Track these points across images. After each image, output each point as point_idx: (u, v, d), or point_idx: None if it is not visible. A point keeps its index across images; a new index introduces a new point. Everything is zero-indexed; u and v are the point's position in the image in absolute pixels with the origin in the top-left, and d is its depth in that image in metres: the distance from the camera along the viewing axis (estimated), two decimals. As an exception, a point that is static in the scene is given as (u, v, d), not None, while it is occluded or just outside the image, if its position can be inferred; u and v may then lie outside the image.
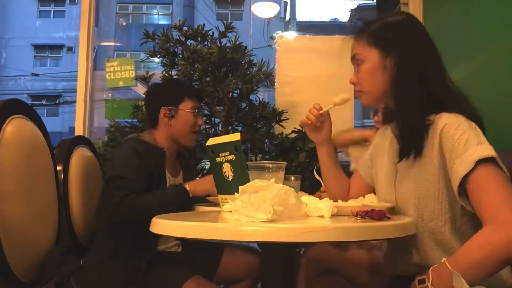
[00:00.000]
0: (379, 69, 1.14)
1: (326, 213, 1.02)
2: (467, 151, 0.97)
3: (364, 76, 1.17)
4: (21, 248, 1.15)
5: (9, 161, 1.12)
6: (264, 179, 1.01)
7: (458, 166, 0.98)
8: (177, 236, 1.12)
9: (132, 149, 1.57)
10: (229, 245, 1.78)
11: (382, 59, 1.13)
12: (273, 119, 2.46)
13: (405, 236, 0.98)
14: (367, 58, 1.15)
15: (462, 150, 0.98)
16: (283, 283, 1.14)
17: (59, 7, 18.31)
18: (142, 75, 2.54)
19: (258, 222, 0.88)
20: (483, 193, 0.95)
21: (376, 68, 1.14)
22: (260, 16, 7.16)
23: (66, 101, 16.69)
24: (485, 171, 0.96)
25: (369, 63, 1.15)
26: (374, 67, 1.14)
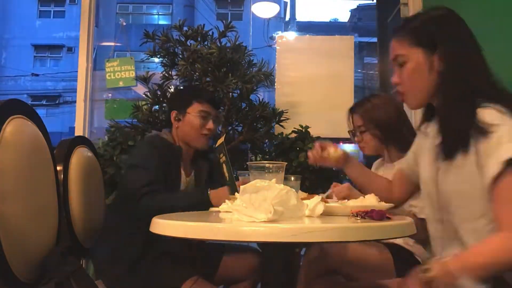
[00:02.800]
0: (425, 68, 1.10)
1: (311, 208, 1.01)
2: (498, 151, 0.94)
3: (409, 77, 1.12)
4: (21, 248, 1.15)
5: (9, 161, 1.12)
6: (264, 179, 1.01)
7: (489, 167, 0.95)
8: (177, 236, 1.12)
9: (151, 144, 1.65)
10: (229, 245, 1.78)
11: (427, 58, 1.09)
12: (273, 119, 2.46)
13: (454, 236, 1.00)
14: (411, 58, 1.11)
15: (494, 148, 0.95)
16: (283, 283, 1.14)
17: (59, 7, 18.30)
18: (142, 75, 2.54)
19: (258, 222, 0.88)
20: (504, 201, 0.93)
21: (421, 67, 1.10)
22: (260, 16, 7.16)
23: (66, 101, 16.67)
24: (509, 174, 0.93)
25: (414, 62, 1.11)
26: (420, 66, 1.10)
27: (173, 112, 1.76)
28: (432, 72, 1.09)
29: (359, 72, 14.99)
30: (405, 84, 1.14)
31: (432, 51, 1.09)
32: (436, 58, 1.08)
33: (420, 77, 1.11)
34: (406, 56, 1.12)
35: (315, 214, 1.02)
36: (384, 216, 0.99)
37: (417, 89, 1.13)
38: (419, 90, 1.13)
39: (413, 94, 1.14)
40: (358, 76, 14.74)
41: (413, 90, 1.13)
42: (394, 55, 1.15)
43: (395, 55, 1.15)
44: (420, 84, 1.11)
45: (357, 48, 15.12)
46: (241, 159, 2.55)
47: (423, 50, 1.10)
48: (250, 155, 2.61)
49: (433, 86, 1.10)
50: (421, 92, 1.13)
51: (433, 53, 1.09)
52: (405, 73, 1.13)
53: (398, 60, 1.14)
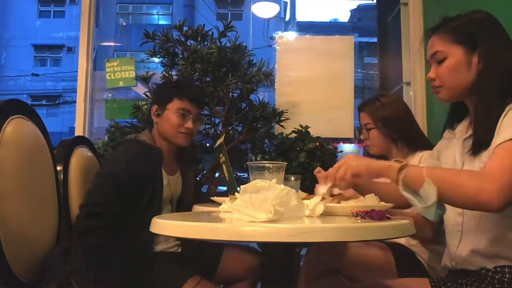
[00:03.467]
0: (464, 66, 1.13)
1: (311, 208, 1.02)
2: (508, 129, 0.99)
3: (447, 73, 1.15)
4: (21, 248, 1.15)
5: (9, 161, 1.12)
6: (265, 180, 1.01)
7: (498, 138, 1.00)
8: (177, 236, 1.12)
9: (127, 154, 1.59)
10: (229, 245, 1.78)
11: (467, 56, 1.12)
12: (273, 119, 2.45)
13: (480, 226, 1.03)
14: (451, 54, 1.14)
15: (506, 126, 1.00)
16: (283, 283, 1.14)
17: (59, 7, 18.30)
18: (142, 75, 2.54)
19: (258, 222, 0.88)
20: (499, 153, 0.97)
21: (460, 64, 1.13)
22: (260, 16, 7.16)
23: (66, 101, 16.67)
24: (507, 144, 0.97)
25: (453, 59, 1.14)
26: (459, 63, 1.13)
27: (153, 107, 1.72)
28: (470, 70, 1.13)
29: (359, 72, 15.00)
30: (442, 80, 1.17)
31: (472, 50, 1.12)
32: (476, 58, 1.12)
33: (458, 74, 1.14)
34: (446, 52, 1.15)
35: (315, 214, 1.02)
36: (384, 216, 0.99)
37: (453, 85, 1.16)
38: (456, 86, 1.15)
39: (448, 89, 1.17)
40: (358, 76, 14.74)
41: (449, 86, 1.16)
42: (434, 51, 1.17)
43: (434, 51, 1.17)
44: (457, 80, 1.14)
45: (357, 48, 15.13)
46: (241, 159, 2.55)
47: (463, 48, 1.13)
48: (250, 155, 2.60)
49: (469, 84, 1.14)
50: (457, 88, 1.16)
51: (472, 52, 1.12)
52: (444, 69, 1.15)
53: (436, 57, 1.17)
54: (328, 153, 2.35)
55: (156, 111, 1.71)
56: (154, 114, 1.71)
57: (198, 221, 0.94)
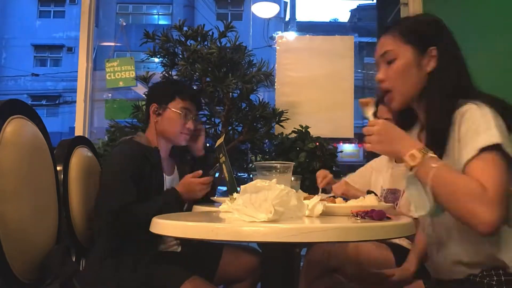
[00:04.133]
0: (414, 67, 1.11)
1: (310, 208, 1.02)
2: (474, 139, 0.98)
3: (396, 74, 1.12)
4: (21, 248, 1.15)
5: (9, 161, 1.12)
6: (272, 180, 1.00)
7: (465, 153, 0.98)
8: (177, 236, 1.12)
9: (124, 154, 1.58)
10: (229, 245, 1.78)
11: (417, 57, 1.11)
12: (273, 119, 2.46)
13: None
14: (401, 55, 1.11)
15: (471, 137, 0.99)
16: (283, 283, 1.15)
17: (59, 7, 18.30)
18: (142, 75, 2.54)
19: (258, 222, 0.88)
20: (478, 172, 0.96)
21: (410, 65, 1.11)
22: (260, 16, 7.16)
23: (66, 101, 16.68)
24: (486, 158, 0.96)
25: (403, 60, 1.11)
26: (408, 64, 1.11)
27: (153, 105, 1.69)
28: (420, 72, 1.11)
29: (359, 72, 14.99)
30: (392, 81, 1.14)
31: (423, 52, 1.11)
32: (426, 59, 1.10)
33: (408, 74, 1.11)
34: (396, 52, 1.12)
35: (314, 214, 1.02)
36: (384, 216, 0.99)
37: (403, 87, 1.13)
38: (406, 89, 1.13)
39: (399, 91, 1.14)
40: (358, 76, 14.73)
41: (399, 88, 1.13)
42: (383, 51, 1.15)
43: (384, 51, 1.14)
44: (407, 81, 1.12)
45: (357, 48, 15.12)
46: (241, 159, 2.55)
47: (414, 49, 1.11)
48: (250, 155, 2.61)
49: (419, 87, 1.12)
50: (407, 91, 1.13)
51: (423, 54, 1.11)
52: (393, 70, 1.13)
53: (386, 57, 1.14)
54: (328, 153, 2.35)
55: (156, 110, 1.69)
56: (154, 113, 1.70)
57: (198, 221, 0.94)
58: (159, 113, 1.69)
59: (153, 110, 1.70)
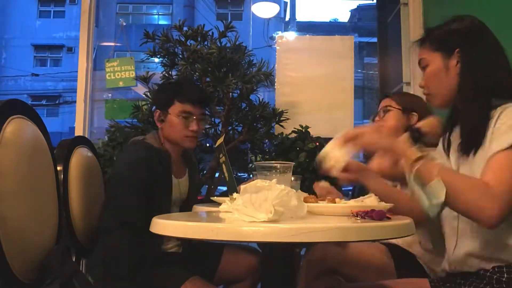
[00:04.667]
0: (442, 70, 1.19)
1: None
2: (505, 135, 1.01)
3: (429, 79, 1.22)
4: (21, 248, 1.15)
5: (9, 161, 1.12)
6: (272, 180, 1.00)
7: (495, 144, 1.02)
8: (177, 236, 1.12)
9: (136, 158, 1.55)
10: (229, 245, 1.78)
11: (444, 60, 1.18)
12: (273, 119, 2.46)
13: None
14: (431, 61, 1.21)
15: (503, 132, 1.02)
16: (283, 283, 1.14)
17: (59, 7, 18.30)
18: (142, 75, 2.54)
19: (258, 222, 0.88)
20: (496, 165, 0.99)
21: (439, 69, 1.19)
22: (260, 16, 7.17)
23: (66, 101, 16.68)
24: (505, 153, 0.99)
25: (433, 65, 1.21)
26: (437, 69, 1.20)
27: (156, 112, 1.68)
28: (449, 74, 1.18)
29: (359, 72, 15.00)
30: (427, 86, 1.24)
31: (450, 55, 1.18)
32: (453, 61, 1.17)
33: (438, 78, 1.20)
34: (428, 60, 1.22)
35: None
36: (384, 216, 0.99)
37: (437, 90, 1.22)
38: (439, 91, 1.21)
39: (435, 95, 1.23)
40: (358, 76, 14.75)
41: (434, 92, 1.23)
42: (419, 59, 1.26)
43: (419, 60, 1.25)
44: (439, 85, 1.21)
45: (357, 48, 15.12)
46: (241, 159, 2.55)
47: (442, 54, 1.19)
48: (250, 155, 2.61)
49: (452, 88, 1.18)
50: (441, 93, 1.21)
51: (449, 57, 1.18)
52: (427, 76, 1.23)
53: (421, 64, 1.25)
54: (328, 153, 2.35)
55: (159, 117, 1.67)
56: (158, 120, 1.68)
57: (198, 221, 0.94)
58: (162, 119, 1.67)
59: (157, 117, 1.68)
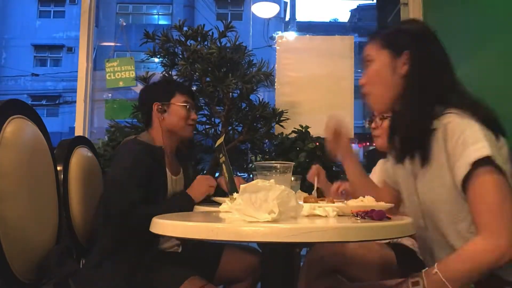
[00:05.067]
0: (388, 69, 1.13)
1: None
2: (464, 153, 0.98)
3: (372, 77, 1.16)
4: (21, 248, 1.15)
5: (9, 161, 1.12)
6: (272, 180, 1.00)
7: (457, 169, 0.99)
8: (177, 236, 1.12)
9: (130, 153, 1.58)
10: (229, 245, 1.78)
11: (391, 60, 1.13)
12: (273, 119, 2.45)
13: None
14: (377, 58, 1.15)
15: (461, 151, 0.99)
16: (283, 283, 1.14)
17: (59, 7, 18.29)
18: (142, 75, 2.54)
19: (260, 222, 0.88)
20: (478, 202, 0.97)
21: (384, 67, 1.13)
22: (260, 16, 7.17)
23: (66, 101, 16.68)
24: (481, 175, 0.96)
25: (378, 63, 1.15)
26: (383, 66, 1.14)
27: (155, 104, 1.72)
28: (394, 74, 1.13)
29: (359, 72, 14.95)
30: (369, 84, 1.17)
31: (398, 55, 1.13)
32: (401, 62, 1.12)
33: (382, 77, 1.14)
34: (373, 56, 1.16)
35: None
36: (384, 216, 0.99)
37: (378, 90, 1.16)
38: (381, 91, 1.15)
39: (375, 95, 1.17)
40: (358, 76, 14.71)
41: (375, 91, 1.16)
42: (364, 55, 1.19)
43: (364, 55, 1.18)
44: (382, 85, 1.14)
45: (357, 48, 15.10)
46: (241, 159, 2.55)
47: (389, 53, 1.14)
48: (250, 155, 2.60)
49: (395, 90, 1.13)
50: (383, 94, 1.15)
51: (398, 57, 1.12)
52: (370, 73, 1.16)
53: (366, 61, 1.18)
54: (328, 153, 2.35)
55: (160, 107, 1.72)
56: (158, 111, 1.72)
57: (198, 221, 0.94)
58: (164, 110, 1.72)
59: (156, 109, 1.72)
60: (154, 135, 1.72)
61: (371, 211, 1.00)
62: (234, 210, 0.94)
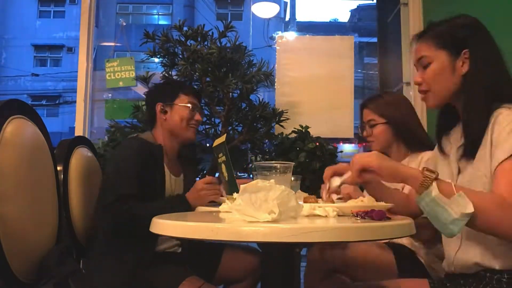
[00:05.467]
0: (448, 69, 1.15)
1: None
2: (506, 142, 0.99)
3: (432, 77, 1.17)
4: (21, 248, 1.15)
5: (9, 161, 1.12)
6: (272, 180, 1.00)
7: (499, 152, 1.00)
8: (177, 236, 1.12)
9: (129, 149, 1.60)
10: (229, 245, 1.78)
11: (451, 59, 1.15)
12: (273, 119, 2.45)
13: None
14: (436, 59, 1.16)
15: (505, 138, 1.00)
16: (283, 283, 1.14)
17: (59, 7, 18.30)
18: (142, 75, 2.54)
19: (259, 222, 0.88)
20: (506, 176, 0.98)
21: (445, 68, 1.15)
22: (260, 16, 7.17)
23: (66, 101, 16.67)
24: None
25: (438, 63, 1.16)
26: (443, 67, 1.15)
27: (158, 105, 1.73)
28: (455, 74, 1.15)
29: (359, 72, 15.00)
30: (428, 84, 1.19)
31: (456, 55, 1.14)
32: (460, 61, 1.14)
33: (443, 77, 1.16)
34: (431, 57, 1.17)
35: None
36: (384, 216, 0.99)
37: (439, 89, 1.17)
38: (441, 90, 1.17)
39: (434, 93, 1.19)
40: (358, 76, 14.74)
41: (435, 90, 1.18)
42: (419, 56, 1.19)
43: (420, 56, 1.19)
44: (443, 84, 1.16)
45: (357, 48, 15.12)
46: (241, 159, 2.55)
47: (448, 53, 1.15)
48: (250, 155, 2.60)
49: (454, 88, 1.15)
50: (443, 92, 1.17)
51: (457, 57, 1.14)
52: (429, 73, 1.17)
53: (422, 62, 1.19)
54: (328, 153, 2.35)
55: (163, 108, 1.72)
56: (161, 112, 1.72)
57: (198, 221, 0.94)
58: (166, 110, 1.72)
59: (159, 110, 1.72)
60: (156, 135, 1.73)
61: (371, 211, 1.00)
62: (234, 210, 0.94)
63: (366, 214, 1.00)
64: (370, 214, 0.99)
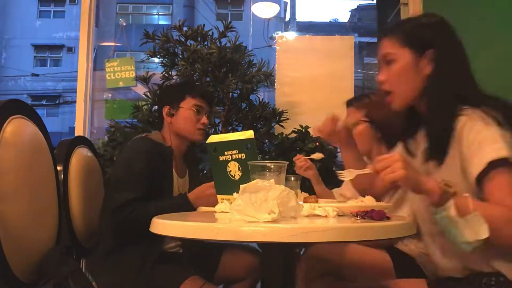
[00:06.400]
0: (412, 69, 1.11)
1: None
2: (480, 152, 0.97)
3: (396, 77, 1.13)
4: (21, 248, 1.15)
5: (9, 161, 1.12)
6: (265, 179, 1.00)
7: (473, 167, 0.98)
8: (177, 236, 1.12)
9: (137, 150, 1.59)
10: (229, 245, 1.78)
11: (415, 59, 1.11)
12: (273, 119, 2.46)
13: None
14: (399, 57, 1.12)
15: (476, 151, 0.98)
16: (283, 283, 1.14)
17: (59, 7, 18.29)
18: (142, 75, 2.54)
19: (258, 222, 0.88)
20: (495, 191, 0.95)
21: (408, 68, 1.12)
22: (260, 16, 7.15)
23: (66, 101, 16.67)
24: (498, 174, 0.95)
25: (401, 62, 1.12)
26: (407, 67, 1.12)
27: (165, 107, 1.72)
28: (419, 74, 1.11)
29: (359, 72, 14.98)
30: (391, 83, 1.15)
31: (421, 54, 1.11)
32: (424, 61, 1.11)
33: (407, 78, 1.12)
34: (395, 55, 1.13)
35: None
36: (384, 216, 0.99)
37: (403, 90, 1.14)
38: (405, 91, 1.14)
39: (399, 94, 1.15)
40: (358, 76, 14.72)
41: (399, 91, 1.14)
42: (383, 53, 1.16)
43: (384, 53, 1.16)
44: (405, 84, 1.13)
45: (357, 48, 15.11)
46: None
47: (412, 52, 1.12)
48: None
49: (418, 89, 1.12)
50: (407, 93, 1.14)
51: (421, 56, 1.11)
52: (392, 72, 1.14)
53: (386, 59, 1.15)
54: (328, 153, 2.35)
55: (169, 111, 1.71)
56: (168, 114, 1.72)
57: (198, 221, 0.94)
58: (172, 113, 1.71)
59: (166, 112, 1.72)
60: (165, 136, 1.73)
61: (371, 211, 1.00)
62: (234, 210, 0.94)
63: (366, 214, 1.00)
64: (370, 214, 0.99)
